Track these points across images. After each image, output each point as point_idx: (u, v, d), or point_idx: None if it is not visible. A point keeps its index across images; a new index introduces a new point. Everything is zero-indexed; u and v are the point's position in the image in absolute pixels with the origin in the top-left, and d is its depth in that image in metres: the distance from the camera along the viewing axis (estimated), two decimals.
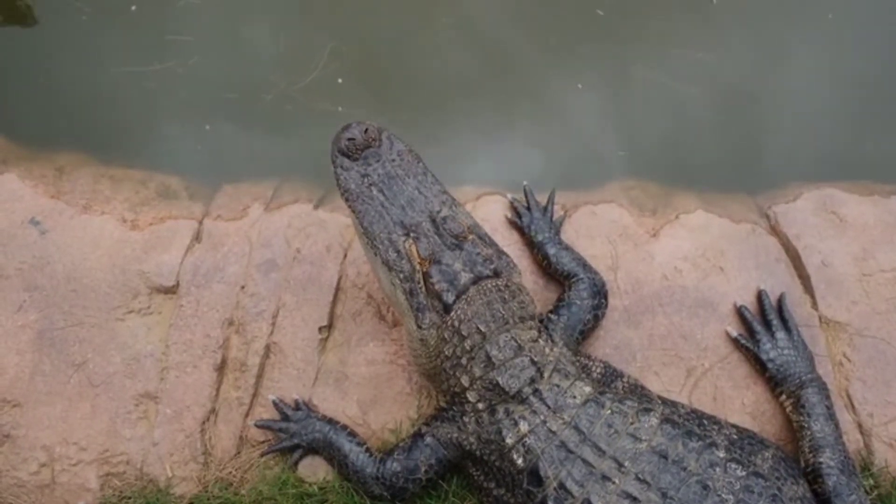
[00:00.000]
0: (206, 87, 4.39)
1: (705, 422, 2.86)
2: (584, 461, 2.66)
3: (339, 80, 4.35)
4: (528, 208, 3.56)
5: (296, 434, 3.23)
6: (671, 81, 4.38)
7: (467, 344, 2.81)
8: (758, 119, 4.39)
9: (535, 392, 2.79)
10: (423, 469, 3.03)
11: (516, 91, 4.47)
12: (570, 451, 2.68)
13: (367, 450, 3.16)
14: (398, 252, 2.86)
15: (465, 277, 2.83)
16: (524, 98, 4.46)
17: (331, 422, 3.24)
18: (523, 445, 2.75)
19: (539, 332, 2.95)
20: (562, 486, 2.65)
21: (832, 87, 4.43)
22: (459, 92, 4.44)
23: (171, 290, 3.48)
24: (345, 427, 3.23)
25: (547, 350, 2.90)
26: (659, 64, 4.42)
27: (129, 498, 3.25)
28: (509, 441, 2.78)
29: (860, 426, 3.23)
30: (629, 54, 4.48)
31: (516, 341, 2.82)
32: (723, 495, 2.58)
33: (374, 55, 4.50)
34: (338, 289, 3.50)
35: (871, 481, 3.14)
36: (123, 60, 4.40)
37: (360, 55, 4.46)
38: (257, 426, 3.28)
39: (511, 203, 3.61)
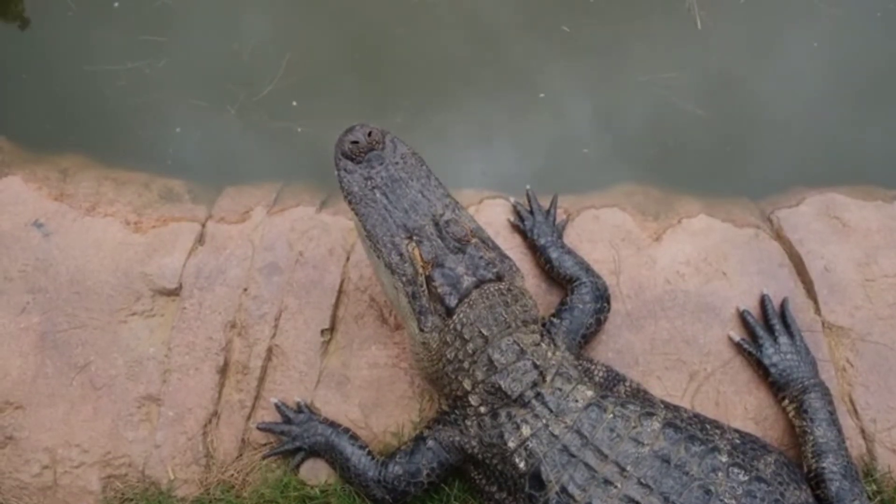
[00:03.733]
0: (176, 90, 4.41)
1: (707, 426, 2.86)
2: (587, 465, 2.65)
3: (294, 103, 4.36)
4: (531, 212, 3.56)
5: (298, 437, 3.23)
6: (669, 93, 4.40)
7: (469, 347, 2.81)
8: (759, 123, 4.40)
9: (538, 396, 2.79)
10: (424, 472, 3.03)
11: (487, 94, 4.51)
12: (573, 455, 2.68)
13: (369, 453, 3.16)
14: (401, 255, 2.86)
15: (467, 281, 2.83)
16: (495, 105, 4.49)
17: (333, 425, 3.24)
18: (525, 449, 2.75)
19: (541, 335, 2.95)
20: (564, 490, 2.64)
21: (833, 90, 4.44)
22: (423, 102, 4.45)
23: (173, 293, 3.48)
24: (347, 430, 3.23)
25: (549, 354, 2.90)
26: (655, 75, 4.44)
27: (131, 500, 3.25)
28: (511, 445, 2.78)
29: (863, 431, 3.22)
30: (624, 64, 4.51)
31: (518, 345, 2.82)
32: (725, 500, 2.57)
33: (332, 66, 4.51)
34: (340, 292, 3.50)
35: (874, 487, 3.13)
36: (105, 58, 4.43)
37: (318, 66, 4.47)
38: (259, 429, 3.29)
39: (514, 207, 3.61)
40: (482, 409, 2.86)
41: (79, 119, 4.35)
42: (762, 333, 3.27)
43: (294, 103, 4.36)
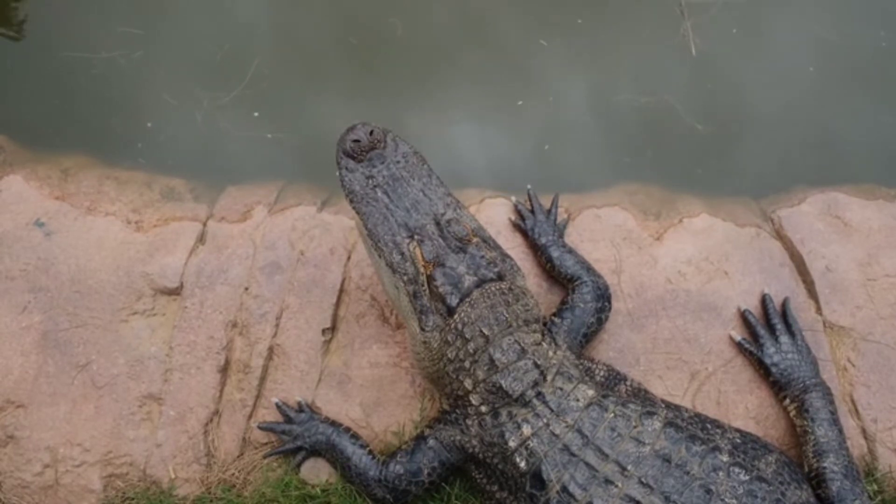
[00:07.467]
0: (147, 83, 4.42)
1: (709, 426, 2.86)
2: (587, 465, 2.65)
3: (256, 114, 4.36)
4: (532, 211, 3.56)
5: (299, 436, 3.23)
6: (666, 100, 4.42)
7: (470, 347, 2.81)
8: (759, 124, 4.40)
9: (539, 395, 2.79)
10: (425, 472, 3.03)
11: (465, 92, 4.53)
12: (573, 455, 2.68)
13: (370, 452, 3.16)
14: (402, 254, 2.86)
15: (468, 280, 2.83)
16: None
17: (334, 424, 3.24)
18: (526, 448, 2.75)
19: (542, 335, 2.95)
20: (564, 489, 2.64)
21: (834, 91, 4.44)
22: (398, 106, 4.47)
23: (174, 292, 3.49)
24: (348, 429, 3.23)
25: (550, 353, 2.90)
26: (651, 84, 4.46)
27: (133, 499, 3.26)
28: (512, 444, 2.78)
29: (864, 431, 3.22)
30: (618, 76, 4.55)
31: (520, 344, 2.82)
32: (726, 500, 2.57)
33: (300, 71, 4.53)
34: (341, 291, 3.50)
35: (875, 486, 3.13)
36: (92, 47, 4.47)
37: (285, 74, 4.48)
38: (260, 428, 3.29)
39: (515, 206, 3.61)
40: (483, 409, 2.86)
41: (67, 110, 4.37)
42: (763, 333, 3.27)
43: (256, 114, 4.37)
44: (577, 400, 2.79)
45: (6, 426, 3.30)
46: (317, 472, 3.27)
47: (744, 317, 3.34)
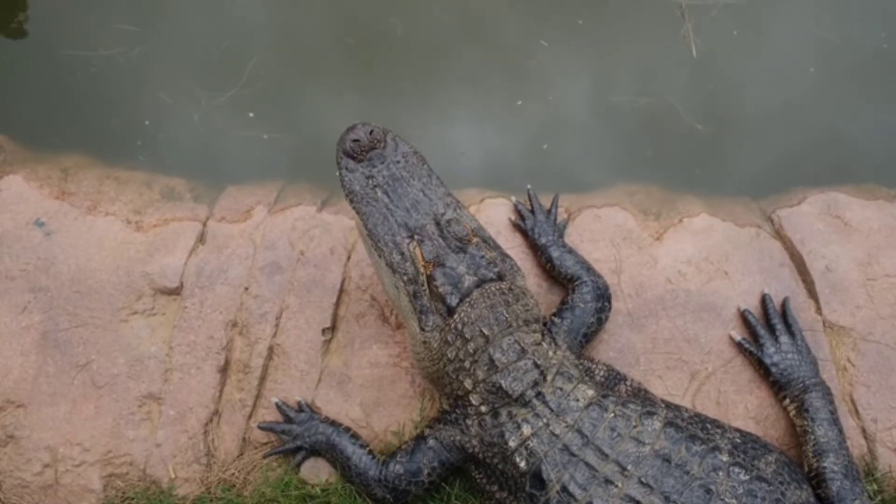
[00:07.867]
0: (146, 81, 4.43)
1: (708, 426, 2.86)
2: (587, 465, 2.65)
3: (251, 114, 4.36)
4: (532, 211, 3.56)
5: (299, 436, 3.23)
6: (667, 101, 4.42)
7: (470, 347, 2.81)
8: (760, 122, 4.40)
9: (538, 395, 2.79)
10: (425, 472, 3.03)
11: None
12: (573, 455, 2.68)
13: (370, 452, 3.16)
14: (402, 254, 2.86)
15: (468, 280, 2.83)
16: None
17: (334, 424, 3.24)
18: (526, 448, 2.75)
19: (542, 335, 2.95)
20: (564, 489, 2.64)
21: (835, 90, 4.44)
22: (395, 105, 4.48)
23: (174, 292, 3.49)
24: (348, 429, 3.23)
25: (550, 353, 2.90)
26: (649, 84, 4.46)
27: (132, 499, 3.26)
28: (512, 444, 2.78)
29: (864, 431, 3.22)
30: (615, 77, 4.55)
31: (520, 344, 2.82)
32: (726, 499, 2.57)
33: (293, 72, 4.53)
34: (341, 291, 3.50)
35: (875, 486, 3.13)
36: (88, 44, 4.48)
37: (278, 76, 4.48)
38: (260, 428, 3.29)
39: (515, 206, 3.61)
40: (483, 409, 2.86)
41: (67, 110, 4.37)
42: (763, 333, 3.27)
43: (251, 114, 4.37)
44: (577, 400, 2.79)
45: (6, 426, 3.30)
46: (317, 472, 3.27)
47: (744, 317, 3.34)
